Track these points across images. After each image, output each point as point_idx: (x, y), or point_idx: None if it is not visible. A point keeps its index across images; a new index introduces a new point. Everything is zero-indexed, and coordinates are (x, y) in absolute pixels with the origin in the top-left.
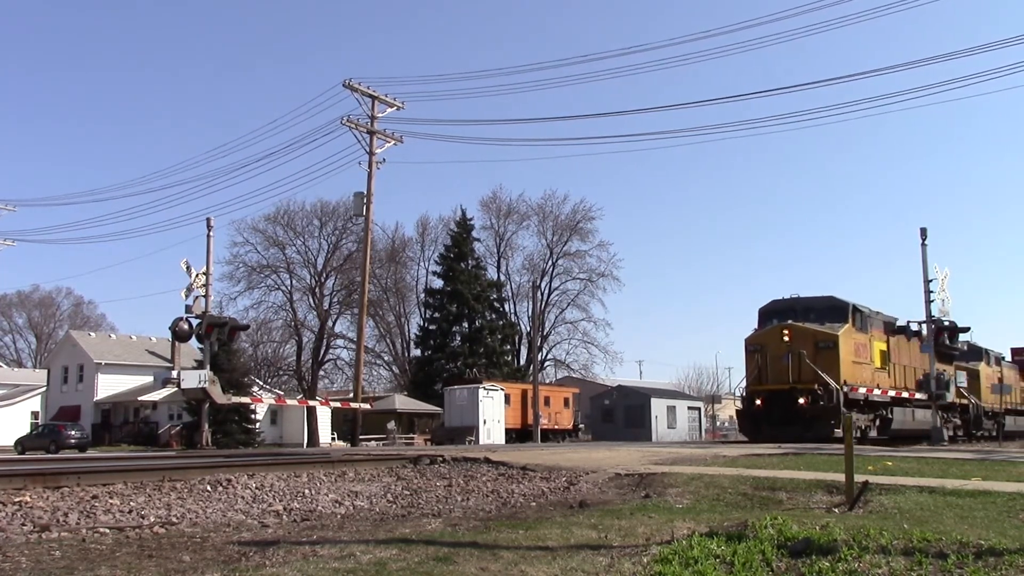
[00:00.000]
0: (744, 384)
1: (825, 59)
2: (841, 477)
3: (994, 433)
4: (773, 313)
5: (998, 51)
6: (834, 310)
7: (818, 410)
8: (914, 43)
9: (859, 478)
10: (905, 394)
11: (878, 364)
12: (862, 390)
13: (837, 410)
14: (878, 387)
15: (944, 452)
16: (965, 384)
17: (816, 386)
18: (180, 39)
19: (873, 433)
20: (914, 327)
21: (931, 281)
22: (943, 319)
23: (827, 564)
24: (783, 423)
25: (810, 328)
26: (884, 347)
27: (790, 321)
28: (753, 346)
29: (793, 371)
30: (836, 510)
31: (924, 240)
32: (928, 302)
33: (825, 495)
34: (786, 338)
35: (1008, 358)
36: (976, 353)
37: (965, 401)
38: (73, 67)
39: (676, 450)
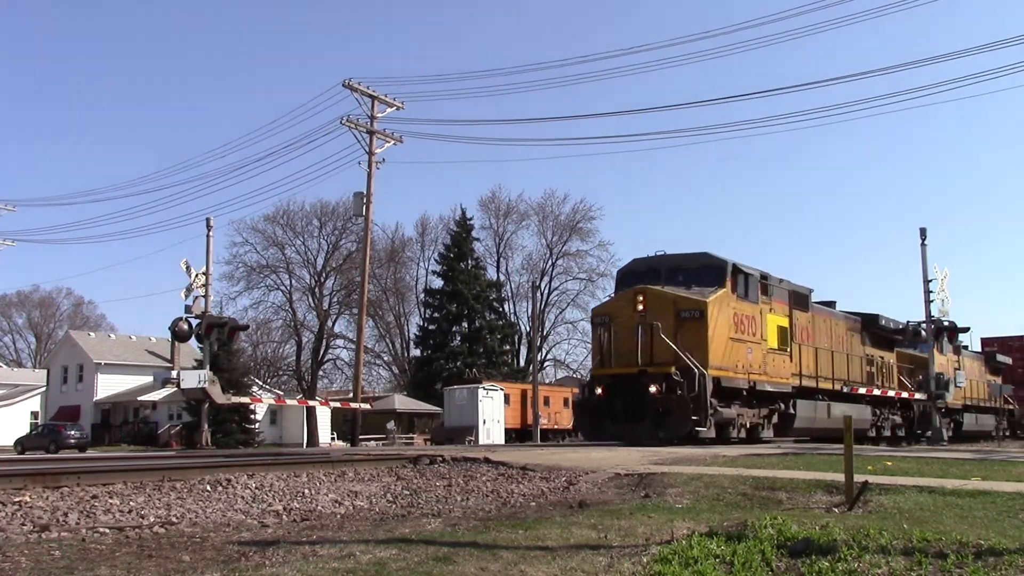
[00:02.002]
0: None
1: (824, 59)
2: (840, 477)
3: (949, 434)
4: (632, 276)
5: (998, 51)
6: (708, 271)
7: (674, 402)
8: (914, 43)
9: (859, 478)
10: (824, 384)
11: (774, 344)
12: (745, 376)
13: (701, 401)
14: (772, 373)
15: (943, 452)
16: (908, 374)
17: (674, 369)
18: (179, 39)
19: (767, 433)
20: (840, 309)
21: (931, 281)
22: (942, 319)
23: (827, 564)
24: (631, 418)
25: (671, 293)
26: (786, 323)
27: (646, 284)
28: (600, 318)
29: (645, 350)
30: (836, 510)
31: (924, 240)
32: (928, 302)
33: (825, 495)
34: (640, 306)
35: (975, 348)
36: (921, 336)
37: (908, 395)
38: (72, 67)
39: (675, 450)
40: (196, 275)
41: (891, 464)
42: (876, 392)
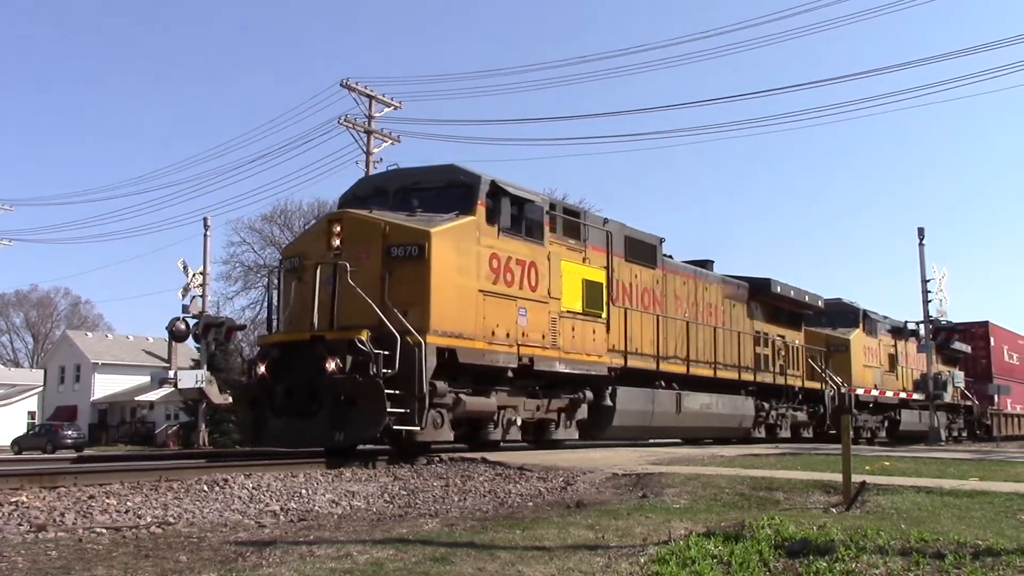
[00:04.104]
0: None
1: (825, 59)
2: (838, 477)
3: (877, 433)
4: (355, 202)
5: (996, 51)
6: (454, 192)
7: (361, 386)
8: (913, 43)
9: (856, 478)
10: (674, 366)
11: (575, 305)
12: (510, 348)
13: (411, 384)
14: (570, 348)
15: (941, 452)
16: (821, 360)
17: (365, 335)
18: (178, 38)
19: (566, 432)
20: (680, 257)
21: (929, 281)
22: (941, 319)
23: (824, 564)
24: (301, 410)
25: (380, 219)
26: (600, 277)
27: (352, 210)
28: (289, 262)
29: (326, 306)
30: (833, 510)
31: (922, 240)
32: (926, 302)
33: (822, 495)
34: (335, 240)
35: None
36: (847, 316)
37: (816, 385)
38: (72, 67)
39: (673, 450)
40: (193, 275)
41: (889, 464)
42: (766, 379)
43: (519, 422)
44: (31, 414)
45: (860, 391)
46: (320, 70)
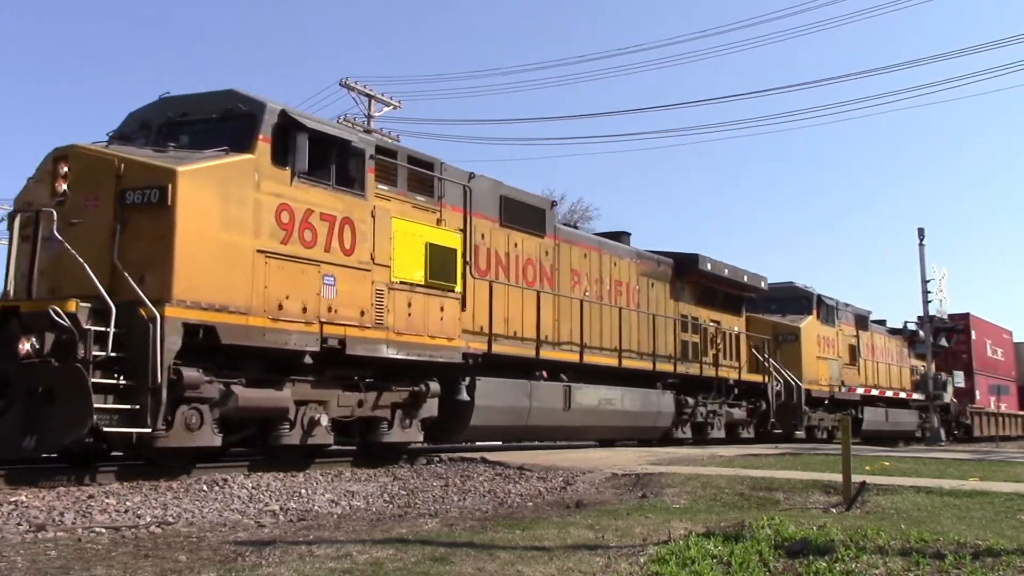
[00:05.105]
0: None
1: (824, 59)
2: (838, 477)
3: (836, 433)
4: (119, 141)
5: (996, 51)
6: (233, 123)
7: (55, 375)
8: (913, 43)
9: (856, 478)
10: (565, 354)
11: (409, 275)
12: (297, 326)
13: (143, 373)
14: (402, 327)
15: (941, 452)
16: (766, 350)
17: (71, 306)
18: (176, 38)
19: (403, 433)
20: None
21: (929, 281)
22: (940, 319)
23: (824, 564)
24: None
25: (113, 156)
26: (453, 242)
27: (81, 144)
28: (19, 215)
29: (41, 268)
30: (833, 510)
31: (922, 240)
32: (926, 302)
33: (822, 495)
34: (61, 184)
35: (895, 325)
36: (800, 302)
37: (757, 378)
38: (71, 67)
39: (673, 450)
40: None
41: (889, 464)
42: (691, 371)
43: (324, 421)
44: None
45: (813, 386)
46: (319, 69)
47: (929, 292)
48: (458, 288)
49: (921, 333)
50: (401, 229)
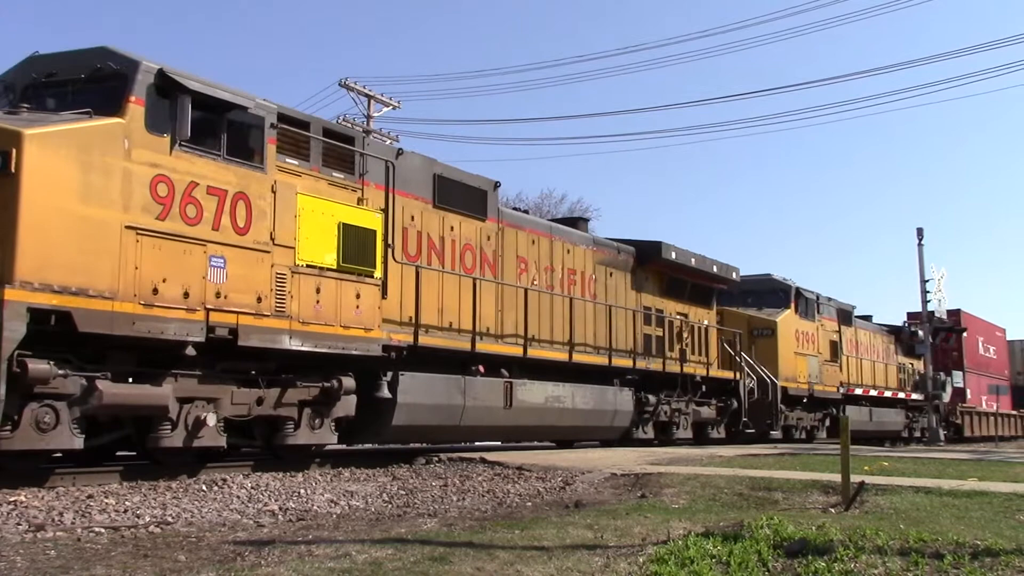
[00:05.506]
0: None
1: (823, 59)
2: (837, 477)
3: (815, 433)
4: None
5: (996, 51)
6: (102, 85)
7: None
8: (913, 43)
9: (855, 478)
10: (505, 346)
11: (322, 257)
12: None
13: None
14: (308, 316)
15: (940, 453)
16: (739, 345)
17: None
18: (177, 38)
19: (311, 434)
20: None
21: (928, 281)
22: (940, 319)
23: (823, 564)
24: None
25: None
26: (372, 222)
27: None
28: None
29: None
30: (832, 510)
31: (921, 240)
32: (925, 302)
33: (821, 495)
34: None
35: (893, 322)
36: (777, 295)
37: (728, 374)
38: None
39: (672, 450)
40: None
41: (888, 464)
42: (653, 366)
43: (212, 421)
44: None
45: (790, 383)
46: (319, 69)
47: (928, 292)
48: (377, 273)
49: (921, 333)
50: (309, 207)
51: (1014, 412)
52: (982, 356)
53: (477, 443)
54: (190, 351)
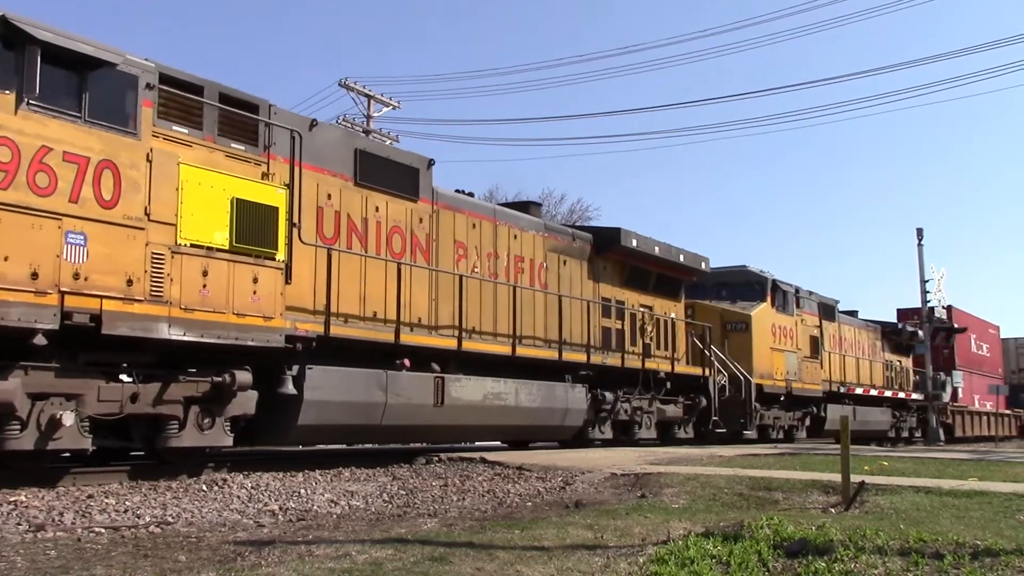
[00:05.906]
0: None
1: (824, 59)
2: (837, 477)
3: (793, 433)
4: None
5: (996, 51)
6: None
7: None
8: (913, 43)
9: (855, 478)
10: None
11: (211, 236)
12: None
13: None
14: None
15: (940, 452)
16: (710, 339)
17: None
18: (176, 38)
19: (213, 436)
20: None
21: (927, 281)
22: (940, 319)
23: (823, 564)
24: None
25: None
26: (274, 198)
27: None
28: None
29: None
30: (832, 510)
31: (920, 240)
32: (924, 302)
33: (821, 495)
34: None
35: (881, 318)
36: (752, 287)
37: (696, 371)
38: None
39: (672, 450)
40: None
41: (887, 464)
42: (611, 361)
43: (70, 420)
44: None
45: (765, 380)
46: (319, 69)
47: (928, 292)
48: (280, 255)
49: (921, 333)
50: (195, 179)
51: (1007, 411)
52: (975, 354)
53: (477, 443)
54: (40, 340)
